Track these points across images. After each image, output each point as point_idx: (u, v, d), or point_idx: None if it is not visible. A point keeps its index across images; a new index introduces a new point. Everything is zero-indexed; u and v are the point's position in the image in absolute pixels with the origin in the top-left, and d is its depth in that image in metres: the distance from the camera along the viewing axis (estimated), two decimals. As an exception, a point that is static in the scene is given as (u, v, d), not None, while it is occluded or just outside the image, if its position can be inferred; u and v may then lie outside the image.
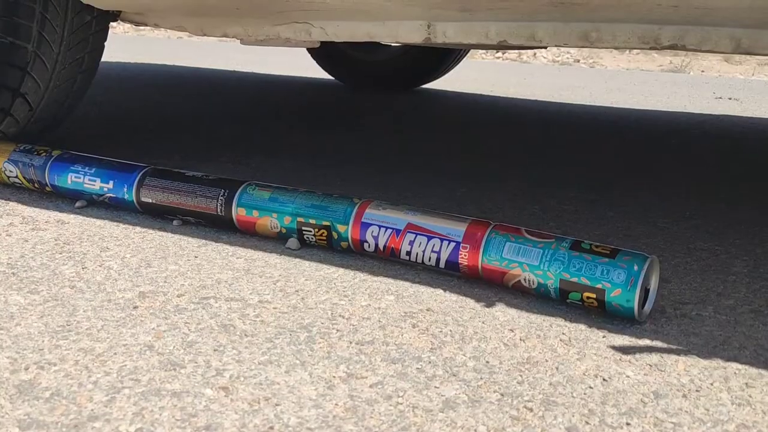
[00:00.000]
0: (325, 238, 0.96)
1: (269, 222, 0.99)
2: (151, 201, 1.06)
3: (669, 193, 1.48)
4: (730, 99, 4.05)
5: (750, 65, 7.28)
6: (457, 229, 0.88)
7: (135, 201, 1.07)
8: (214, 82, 3.24)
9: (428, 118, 2.51)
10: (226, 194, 1.01)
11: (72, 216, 1.09)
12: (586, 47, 1.05)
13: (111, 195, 1.08)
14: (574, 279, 0.80)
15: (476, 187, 1.42)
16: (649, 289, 0.81)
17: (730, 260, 1.03)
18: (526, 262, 0.83)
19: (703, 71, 6.98)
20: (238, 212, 1.00)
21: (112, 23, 1.43)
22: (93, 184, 1.10)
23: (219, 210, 1.01)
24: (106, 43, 1.43)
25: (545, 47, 1.31)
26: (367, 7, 1.09)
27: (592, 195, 1.41)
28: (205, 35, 1.36)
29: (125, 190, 1.07)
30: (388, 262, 0.96)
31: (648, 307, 0.81)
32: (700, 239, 1.13)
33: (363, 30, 1.18)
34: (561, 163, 1.78)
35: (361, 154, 1.71)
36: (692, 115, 3.13)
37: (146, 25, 1.43)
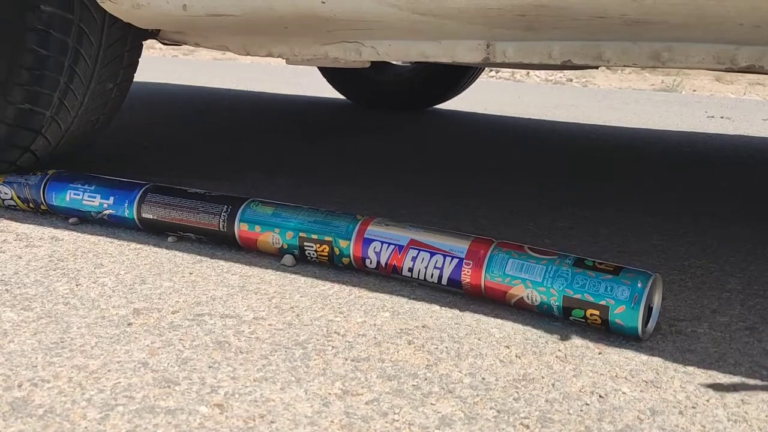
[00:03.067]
0: (326, 254, 0.96)
1: (271, 237, 0.99)
2: (152, 217, 1.05)
3: (663, 210, 1.49)
4: (722, 118, 4.08)
5: (741, 84, 7.34)
6: (460, 246, 0.88)
7: (136, 218, 1.07)
8: (209, 99, 3.25)
9: (422, 135, 2.52)
10: (228, 210, 1.01)
11: (66, 232, 1.09)
12: (657, 67, 1.02)
13: (111, 212, 1.08)
14: (578, 296, 0.79)
15: (471, 203, 1.42)
16: (652, 307, 0.81)
17: (724, 277, 1.03)
18: (529, 279, 0.82)
19: (695, 90, 7.03)
20: (240, 228, 1.00)
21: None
22: (92, 200, 1.09)
23: (221, 226, 1.01)
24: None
25: (610, 67, 1.24)
26: (424, 26, 1.04)
27: (586, 212, 1.42)
28: (248, 54, 1.30)
29: (126, 206, 1.07)
30: (384, 278, 0.96)
31: (651, 325, 0.80)
32: (695, 256, 1.13)
33: (417, 50, 1.14)
34: (554, 180, 1.79)
35: (354, 171, 1.71)
36: (685, 133, 3.15)
37: (185, 43, 1.37)
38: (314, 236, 0.96)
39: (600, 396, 0.67)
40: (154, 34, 1.33)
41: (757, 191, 1.82)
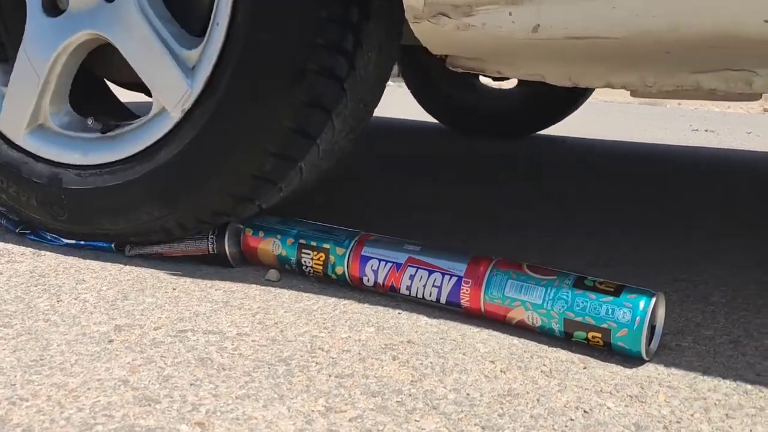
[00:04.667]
0: (322, 262, 0.95)
1: (272, 244, 0.99)
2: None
3: (647, 223, 1.49)
4: (706, 131, 4.12)
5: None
6: (458, 264, 0.87)
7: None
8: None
9: (417, 149, 2.52)
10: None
11: (48, 248, 1.08)
12: None
13: None
14: (579, 318, 0.78)
15: (458, 216, 1.42)
16: (655, 326, 0.79)
17: (708, 290, 1.03)
18: (528, 301, 0.81)
19: (679, 104, 7.11)
20: (246, 233, 1.02)
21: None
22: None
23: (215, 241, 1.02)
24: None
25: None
26: None
27: (573, 226, 1.42)
28: (575, 85, 1.00)
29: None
30: (369, 293, 0.95)
31: (654, 344, 0.79)
32: (679, 269, 1.13)
33: None
34: (540, 194, 1.80)
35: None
36: (670, 147, 3.18)
37: (482, 72, 1.06)
38: (313, 243, 0.96)
39: (585, 411, 0.67)
40: (441, 60, 1.05)
41: (742, 204, 1.83)
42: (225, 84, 0.94)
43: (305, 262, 0.97)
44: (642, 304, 0.76)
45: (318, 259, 0.95)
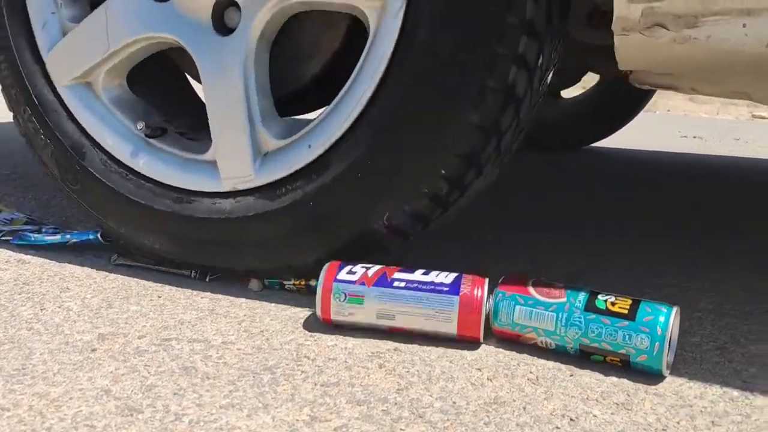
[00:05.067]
0: (303, 285, 0.95)
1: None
2: None
3: (637, 228, 1.49)
4: (694, 137, 4.14)
5: (714, 105, 7.48)
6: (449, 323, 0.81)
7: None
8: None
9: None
10: None
11: (32, 256, 1.07)
12: None
13: None
14: (595, 345, 0.76)
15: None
16: (672, 338, 0.77)
17: (696, 296, 1.03)
18: (540, 327, 0.79)
19: (669, 110, 7.15)
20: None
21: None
22: None
23: None
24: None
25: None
26: None
27: (563, 230, 1.42)
28: None
29: None
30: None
31: (671, 356, 0.77)
32: (668, 274, 1.13)
33: None
34: (532, 198, 1.80)
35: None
36: (658, 152, 3.19)
37: (670, 88, 0.96)
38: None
39: (571, 419, 0.67)
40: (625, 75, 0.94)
41: (730, 211, 1.84)
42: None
43: (290, 287, 0.96)
44: (659, 329, 0.73)
45: (300, 284, 0.95)
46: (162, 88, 1.12)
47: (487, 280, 0.82)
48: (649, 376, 0.76)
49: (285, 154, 0.91)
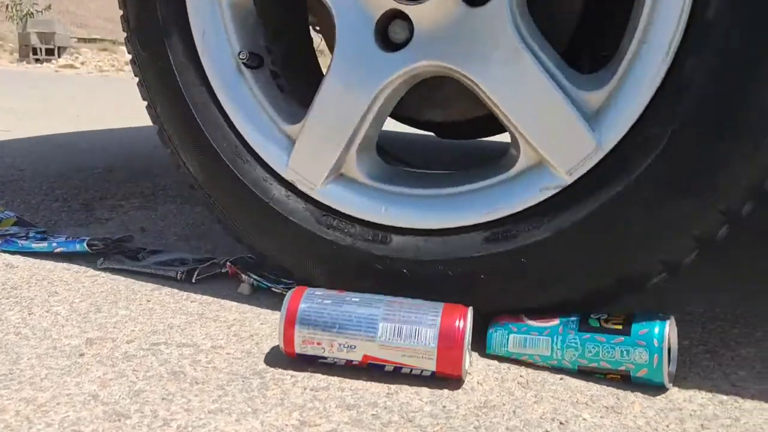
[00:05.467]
0: None
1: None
2: None
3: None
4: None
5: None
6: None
7: None
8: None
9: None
10: None
11: (21, 260, 1.06)
12: None
13: None
14: (593, 365, 0.75)
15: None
16: (671, 348, 0.75)
17: (685, 300, 1.04)
18: (536, 354, 0.77)
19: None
20: None
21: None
22: None
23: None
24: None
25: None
26: None
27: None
28: None
29: None
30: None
31: (673, 367, 0.76)
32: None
33: None
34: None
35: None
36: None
37: None
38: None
39: (560, 423, 0.67)
40: None
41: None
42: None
43: None
44: (656, 341, 0.72)
45: None
46: None
47: (470, 309, 0.75)
48: (639, 379, 0.76)
49: None
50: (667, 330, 0.73)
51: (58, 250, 1.07)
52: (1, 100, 4.07)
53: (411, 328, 0.72)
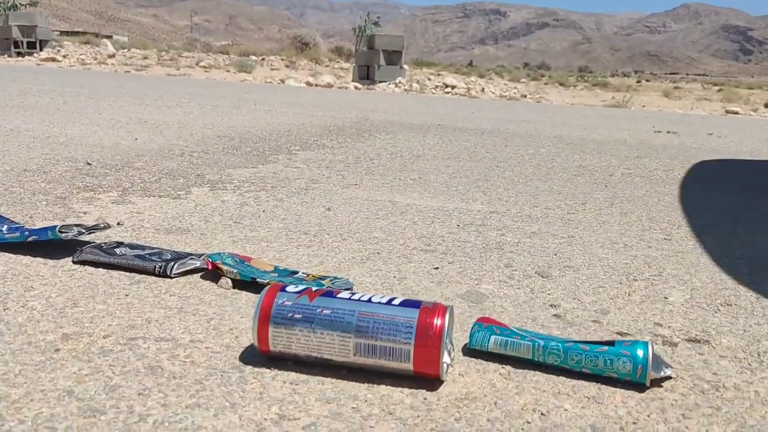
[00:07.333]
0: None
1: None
2: None
3: (608, 224, 1.50)
4: (668, 132, 4.17)
5: (688, 100, 7.56)
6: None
7: None
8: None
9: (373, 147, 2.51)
10: None
11: (-3, 254, 1.04)
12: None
13: None
14: (575, 371, 0.74)
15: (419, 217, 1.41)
16: (655, 353, 0.75)
17: (667, 290, 1.04)
18: (517, 357, 0.76)
19: (644, 106, 7.21)
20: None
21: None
22: None
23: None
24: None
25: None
26: None
27: (534, 226, 1.42)
28: None
29: None
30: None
31: (669, 370, 0.75)
32: (639, 269, 1.14)
33: None
34: (502, 194, 1.80)
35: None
36: (632, 146, 3.21)
37: None
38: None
39: (542, 413, 0.66)
40: None
41: (701, 205, 1.85)
42: None
43: None
44: (640, 351, 0.72)
45: None
46: None
47: (450, 307, 0.73)
48: (621, 369, 0.75)
49: None
50: (650, 347, 0.73)
51: (30, 239, 1.05)
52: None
53: (384, 346, 0.70)
